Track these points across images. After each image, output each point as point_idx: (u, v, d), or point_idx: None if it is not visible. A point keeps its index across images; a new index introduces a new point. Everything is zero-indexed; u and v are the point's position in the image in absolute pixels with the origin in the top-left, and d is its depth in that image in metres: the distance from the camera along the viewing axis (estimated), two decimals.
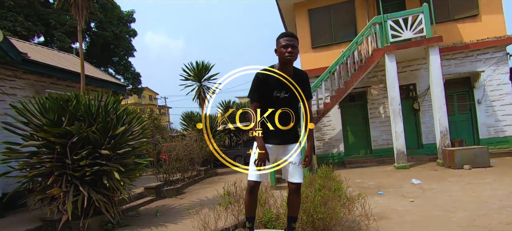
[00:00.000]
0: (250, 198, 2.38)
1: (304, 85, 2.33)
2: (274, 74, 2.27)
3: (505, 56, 9.40)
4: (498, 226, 3.44)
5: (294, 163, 2.30)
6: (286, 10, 12.05)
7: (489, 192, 4.84)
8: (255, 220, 2.46)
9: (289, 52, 2.18)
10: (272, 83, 2.27)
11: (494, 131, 9.05)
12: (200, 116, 11.24)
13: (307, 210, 2.91)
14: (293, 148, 2.34)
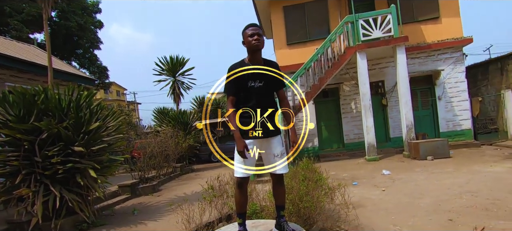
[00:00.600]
0: (239, 193, 2.37)
1: (276, 74, 2.35)
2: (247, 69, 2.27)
3: (461, 56, 10.23)
4: (459, 209, 3.79)
5: (277, 155, 2.29)
6: (261, 7, 12.10)
7: (450, 180, 5.30)
8: (246, 215, 2.47)
9: (255, 39, 2.22)
10: (245, 74, 2.28)
11: (452, 124, 9.86)
12: (175, 111, 10.98)
13: (293, 200, 3.00)
14: (276, 140, 2.33)
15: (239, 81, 2.29)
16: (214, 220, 3.73)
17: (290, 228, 2.28)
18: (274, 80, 2.35)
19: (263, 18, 13.22)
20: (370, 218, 3.75)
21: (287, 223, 2.34)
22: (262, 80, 2.29)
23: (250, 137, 2.28)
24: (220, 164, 11.88)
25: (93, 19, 21.22)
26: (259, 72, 2.30)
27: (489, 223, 3.25)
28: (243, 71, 2.31)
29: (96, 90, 6.32)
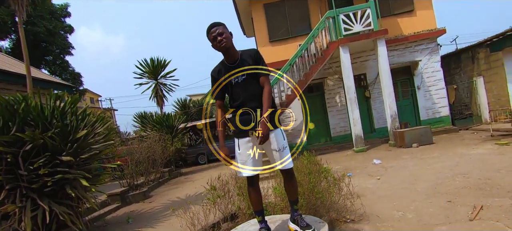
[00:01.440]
0: (251, 192, 2.33)
1: (256, 63, 2.24)
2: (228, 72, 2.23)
3: (436, 46, 10.72)
4: (455, 190, 3.95)
5: (278, 150, 2.20)
6: (242, 5, 12.03)
7: (439, 164, 5.52)
8: (264, 213, 2.40)
9: (218, 41, 2.15)
10: (226, 72, 2.24)
11: (431, 112, 10.31)
12: (158, 115, 10.64)
13: (303, 194, 2.98)
14: (274, 134, 2.20)
15: (222, 82, 2.24)
16: (219, 220, 3.65)
17: (304, 223, 2.24)
18: (255, 69, 2.23)
19: (244, 17, 13.18)
20: (372, 206, 3.81)
21: (301, 217, 2.29)
22: (244, 73, 2.22)
23: (246, 135, 2.23)
24: (208, 166, 11.72)
25: (63, 23, 20.18)
26: (239, 66, 2.22)
27: (486, 201, 3.41)
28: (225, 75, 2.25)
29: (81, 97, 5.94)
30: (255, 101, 2.20)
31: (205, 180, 8.26)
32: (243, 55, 2.27)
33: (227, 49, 2.20)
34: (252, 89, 2.23)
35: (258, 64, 2.25)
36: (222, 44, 2.16)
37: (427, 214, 3.34)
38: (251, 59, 2.24)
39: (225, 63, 2.27)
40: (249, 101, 2.20)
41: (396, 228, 3.13)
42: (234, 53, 2.25)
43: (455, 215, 3.19)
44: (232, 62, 2.25)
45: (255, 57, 2.25)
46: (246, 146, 2.26)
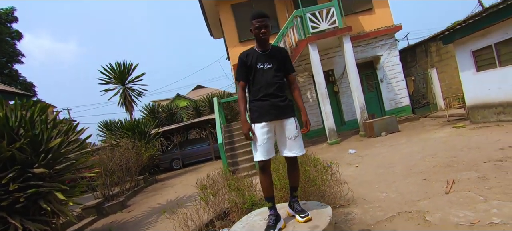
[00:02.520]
0: (263, 177, 2.36)
1: (284, 60, 2.44)
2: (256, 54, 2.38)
3: (394, 42, 11.54)
4: (428, 169, 4.32)
5: (291, 138, 2.33)
6: (209, 7, 11.95)
7: (409, 149, 5.97)
8: (274, 199, 2.44)
9: (262, 33, 2.29)
10: (255, 58, 2.36)
11: (394, 103, 11.08)
12: (129, 121, 10.12)
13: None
14: (289, 122, 2.35)
15: (249, 65, 2.36)
16: (213, 218, 3.62)
17: (299, 208, 2.33)
18: (282, 65, 2.42)
19: (212, 18, 13.08)
20: (356, 191, 4.02)
21: (298, 203, 2.39)
22: (271, 62, 2.36)
23: (263, 120, 2.30)
24: (184, 171, 11.45)
25: (9, 29, 18.43)
26: (269, 55, 2.37)
27: (455, 176, 3.78)
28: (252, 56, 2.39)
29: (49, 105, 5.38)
30: (273, 88, 2.33)
31: (184, 184, 8.13)
32: (274, 48, 2.45)
33: (266, 41, 2.37)
34: (273, 77, 2.35)
35: (286, 62, 2.46)
36: (265, 35, 2.32)
37: (408, 192, 3.62)
38: (280, 54, 2.44)
39: (256, 50, 2.40)
40: (268, 87, 2.32)
41: (383, 207, 3.35)
42: (268, 44, 2.41)
43: (432, 191, 3.49)
44: (263, 50, 2.39)
45: (285, 55, 2.48)
46: (261, 130, 2.30)
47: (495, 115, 6.89)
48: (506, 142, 4.81)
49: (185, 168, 11.82)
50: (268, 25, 2.31)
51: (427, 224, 2.73)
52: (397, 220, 2.97)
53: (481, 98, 7.23)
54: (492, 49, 6.80)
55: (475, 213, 2.71)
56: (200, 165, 11.83)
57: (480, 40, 7.04)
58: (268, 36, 2.33)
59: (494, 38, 6.68)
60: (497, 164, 3.88)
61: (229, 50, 11.63)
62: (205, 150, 12.31)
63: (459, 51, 7.74)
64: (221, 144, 6.95)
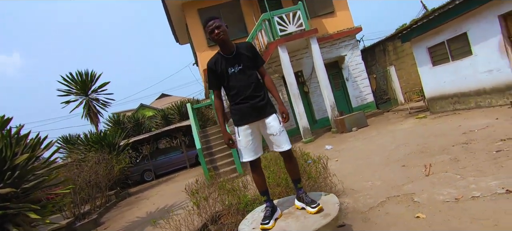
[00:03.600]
0: (255, 175, 2.45)
1: (253, 55, 2.39)
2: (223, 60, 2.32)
3: (356, 42, 12.22)
4: (404, 157, 4.62)
5: (276, 134, 2.32)
6: (174, 10, 11.67)
7: (381, 140, 6.34)
8: (268, 192, 2.46)
9: (216, 34, 2.25)
10: (223, 64, 2.32)
11: (360, 100, 11.70)
12: (93, 134, 9.40)
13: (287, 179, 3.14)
14: (271, 119, 2.34)
15: (220, 72, 2.32)
16: (206, 222, 3.51)
17: (309, 199, 2.37)
18: (251, 61, 2.38)
19: (177, 23, 12.79)
20: (342, 183, 4.17)
21: (306, 194, 2.42)
22: (241, 63, 2.32)
23: (245, 123, 2.31)
24: (157, 182, 10.95)
25: None
26: (236, 57, 2.33)
27: (431, 160, 4.08)
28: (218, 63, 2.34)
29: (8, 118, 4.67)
30: (250, 89, 2.30)
31: (161, 195, 7.80)
32: (239, 47, 2.37)
33: (224, 42, 2.29)
34: (248, 78, 2.32)
35: (255, 56, 2.40)
36: (220, 36, 2.25)
37: (391, 179, 3.83)
38: (248, 52, 2.38)
39: (221, 55, 2.34)
40: (245, 90, 2.30)
41: (372, 195, 3.51)
42: (230, 45, 2.34)
43: (413, 175, 3.74)
44: (228, 54, 2.33)
45: (251, 50, 2.40)
46: (245, 133, 2.35)
47: (451, 105, 7.60)
48: (466, 127, 5.32)
49: (158, 178, 11.32)
50: (220, 25, 2.26)
51: (416, 205, 2.92)
52: (388, 205, 3.13)
53: (438, 90, 7.93)
54: (445, 46, 7.50)
55: (457, 190, 2.96)
56: (175, 174, 11.42)
57: (434, 37, 7.73)
58: (225, 35, 2.27)
59: (445, 35, 7.38)
60: (464, 146, 4.28)
61: (197, 55, 11.45)
62: (179, 158, 11.93)
63: (416, 48, 8.42)
64: (200, 149, 6.78)
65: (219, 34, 2.24)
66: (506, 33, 6.03)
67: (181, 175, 10.74)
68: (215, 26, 2.23)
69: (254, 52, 2.40)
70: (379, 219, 2.87)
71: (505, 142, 3.92)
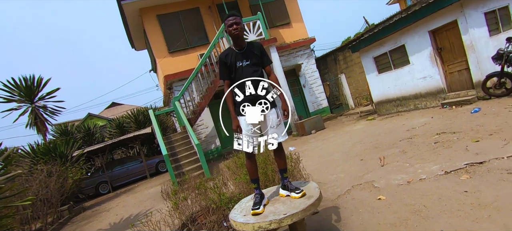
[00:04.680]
0: (249, 163, 2.62)
1: (260, 54, 2.65)
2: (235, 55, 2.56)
3: (311, 52, 13.12)
4: (361, 152, 5.19)
5: (273, 126, 2.57)
6: (131, 15, 11.32)
7: (339, 140, 6.96)
8: (259, 181, 2.67)
9: (234, 29, 2.50)
10: (233, 58, 2.57)
11: (316, 105, 12.52)
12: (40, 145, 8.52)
13: (266, 173, 3.40)
14: (271, 113, 2.58)
15: (229, 64, 2.56)
16: (186, 221, 3.58)
17: (293, 186, 2.65)
18: (259, 59, 2.63)
19: (134, 29, 12.38)
20: (311, 177, 4.56)
21: (290, 182, 2.69)
22: (248, 59, 2.58)
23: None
24: (116, 194, 10.31)
25: None
26: (245, 53, 2.58)
27: (383, 153, 4.68)
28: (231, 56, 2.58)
29: None
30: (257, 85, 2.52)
31: (123, 206, 7.49)
32: (249, 45, 2.61)
33: (238, 37, 2.53)
34: (253, 73, 2.54)
35: (262, 56, 2.65)
36: (237, 32, 2.48)
37: (353, 171, 4.31)
38: (257, 50, 2.62)
39: (233, 49, 2.57)
40: (251, 84, 2.50)
41: (338, 185, 3.93)
42: (243, 41, 2.57)
43: (371, 166, 4.26)
44: (240, 49, 2.57)
45: (260, 49, 2.66)
46: (246, 123, 2.52)
47: (395, 107, 8.63)
48: (409, 125, 6.15)
49: (115, 190, 10.68)
50: (239, 22, 2.51)
51: (377, 189, 3.38)
52: (353, 191, 3.55)
53: (384, 95, 8.94)
54: (388, 56, 8.52)
55: (408, 175, 3.50)
56: (134, 185, 10.89)
57: (378, 48, 8.73)
58: (241, 32, 2.51)
59: (388, 47, 8.40)
60: (409, 140, 4.98)
61: (157, 62, 11.20)
62: (137, 168, 11.40)
63: (364, 58, 9.40)
64: (166, 155, 6.69)
65: (237, 29, 2.47)
66: (435, 45, 7.13)
67: (142, 184, 10.30)
68: (235, 22, 2.47)
69: (263, 52, 2.65)
70: (347, 204, 3.27)
71: (440, 135, 4.68)
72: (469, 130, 4.48)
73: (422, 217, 2.50)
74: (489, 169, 2.98)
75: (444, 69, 7.14)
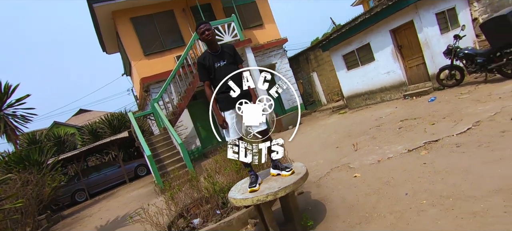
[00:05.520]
0: None
1: (233, 54, 2.96)
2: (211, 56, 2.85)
3: (284, 51, 13.67)
4: (336, 141, 5.70)
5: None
6: (104, 20, 11.14)
7: (316, 133, 7.48)
8: (251, 164, 2.99)
9: (206, 35, 2.82)
10: (211, 60, 2.87)
11: (291, 102, 13.07)
12: (11, 154, 8.14)
13: None
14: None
15: (208, 66, 2.85)
16: (182, 211, 3.82)
17: (283, 166, 3.01)
18: (233, 58, 2.96)
19: (107, 32, 12.15)
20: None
21: (280, 163, 3.06)
22: (225, 60, 2.89)
23: (229, 109, 2.86)
24: (95, 200, 10.08)
25: None
26: (221, 55, 2.89)
27: (356, 140, 5.21)
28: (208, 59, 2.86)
29: None
30: (232, 80, 2.77)
31: (106, 210, 7.51)
32: (223, 47, 2.92)
33: (212, 42, 2.83)
34: (231, 71, 2.80)
35: (235, 55, 2.97)
36: (209, 37, 2.79)
37: (330, 157, 4.79)
38: (230, 51, 2.94)
39: (209, 53, 2.86)
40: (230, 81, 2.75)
41: (318, 169, 4.37)
42: (216, 45, 2.87)
43: (346, 152, 4.76)
44: (215, 52, 2.86)
45: (232, 50, 2.97)
46: (230, 116, 2.87)
47: (363, 101, 9.36)
48: (377, 116, 6.80)
49: (92, 197, 10.43)
50: (209, 28, 2.82)
51: (352, 170, 3.85)
52: (332, 173, 4.01)
53: (353, 90, 9.65)
54: (355, 53, 9.23)
55: (378, 155, 4.02)
56: (113, 190, 10.70)
57: (346, 47, 9.42)
58: (213, 37, 2.83)
59: (355, 45, 9.10)
60: (377, 128, 5.57)
61: (133, 65, 11.12)
62: (115, 173, 11.20)
63: (334, 56, 10.07)
64: (150, 155, 6.79)
65: (209, 35, 2.76)
66: (395, 43, 7.89)
67: (121, 189, 10.18)
68: (205, 29, 2.76)
69: (235, 52, 2.97)
70: (328, 183, 3.70)
71: (403, 122, 5.31)
72: (426, 116, 5.14)
73: (390, 186, 2.98)
74: (442, 145, 3.56)
75: (405, 65, 7.94)
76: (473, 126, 3.80)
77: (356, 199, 2.98)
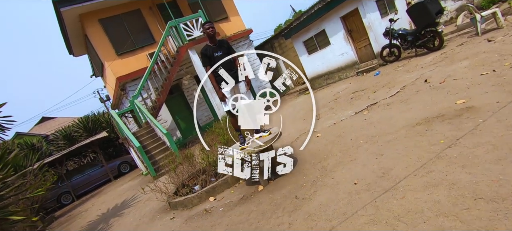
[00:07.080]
0: (233, 119, 3.89)
1: (228, 47, 3.93)
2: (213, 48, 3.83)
3: (250, 42, 14.57)
4: (302, 115, 6.82)
5: (243, 92, 3.95)
6: (70, 21, 11.20)
7: (286, 112, 8.58)
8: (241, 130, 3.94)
9: (210, 30, 3.79)
10: (211, 50, 3.81)
11: (261, 89, 14.10)
12: None
13: None
14: (240, 84, 3.94)
15: (209, 55, 3.78)
16: (184, 180, 4.69)
17: (263, 130, 4.01)
18: (227, 49, 3.91)
19: (74, 35, 12.17)
20: None
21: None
22: (221, 50, 3.84)
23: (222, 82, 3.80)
24: (82, 201, 10.40)
25: None
26: (218, 47, 3.83)
27: (319, 112, 6.36)
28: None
29: None
30: (227, 66, 3.76)
31: (102, 203, 8.11)
32: (220, 41, 3.86)
33: (213, 36, 3.77)
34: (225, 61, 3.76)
35: (229, 48, 3.91)
36: (211, 32, 3.73)
37: (299, 127, 5.89)
38: (225, 44, 3.89)
39: (209, 45, 3.76)
40: (224, 66, 3.74)
41: (291, 136, 5.44)
42: (216, 39, 3.81)
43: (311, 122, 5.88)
44: (214, 44, 3.78)
45: (227, 44, 3.92)
46: (227, 92, 3.75)
47: (324, 81, 10.64)
48: (334, 91, 8.04)
49: (79, 199, 10.75)
50: (213, 26, 3.80)
51: (315, 132, 4.96)
52: (301, 137, 5.10)
53: (315, 72, 10.89)
54: (314, 39, 10.42)
55: (334, 120, 5.17)
56: (99, 189, 11.08)
57: (306, 34, 10.57)
58: (214, 32, 3.78)
59: (313, 32, 10.27)
60: (335, 101, 6.78)
61: (106, 65, 11.38)
62: (98, 173, 11.54)
63: (295, 42, 11.19)
64: (139, 146, 7.44)
65: (213, 30, 3.70)
66: (346, 28, 9.16)
67: (108, 187, 10.62)
68: (210, 26, 3.70)
69: (229, 45, 3.90)
70: (298, 144, 4.77)
71: (354, 93, 6.55)
72: (371, 86, 6.41)
73: (341, 137, 4.11)
74: (379, 105, 4.77)
75: (355, 46, 9.26)
76: (400, 89, 5.07)
77: (318, 148, 4.08)
